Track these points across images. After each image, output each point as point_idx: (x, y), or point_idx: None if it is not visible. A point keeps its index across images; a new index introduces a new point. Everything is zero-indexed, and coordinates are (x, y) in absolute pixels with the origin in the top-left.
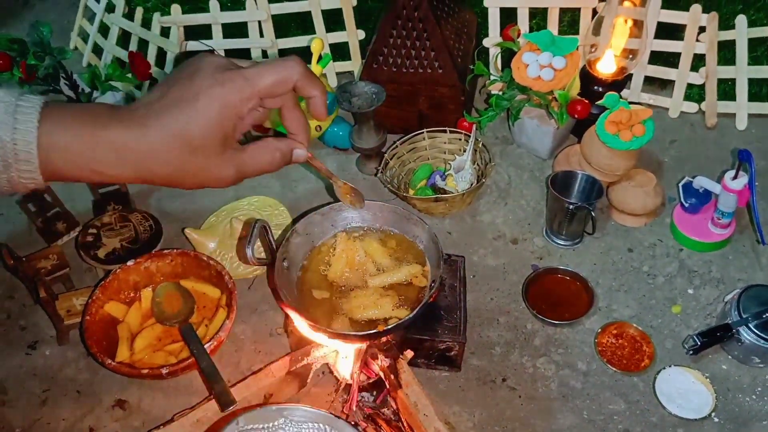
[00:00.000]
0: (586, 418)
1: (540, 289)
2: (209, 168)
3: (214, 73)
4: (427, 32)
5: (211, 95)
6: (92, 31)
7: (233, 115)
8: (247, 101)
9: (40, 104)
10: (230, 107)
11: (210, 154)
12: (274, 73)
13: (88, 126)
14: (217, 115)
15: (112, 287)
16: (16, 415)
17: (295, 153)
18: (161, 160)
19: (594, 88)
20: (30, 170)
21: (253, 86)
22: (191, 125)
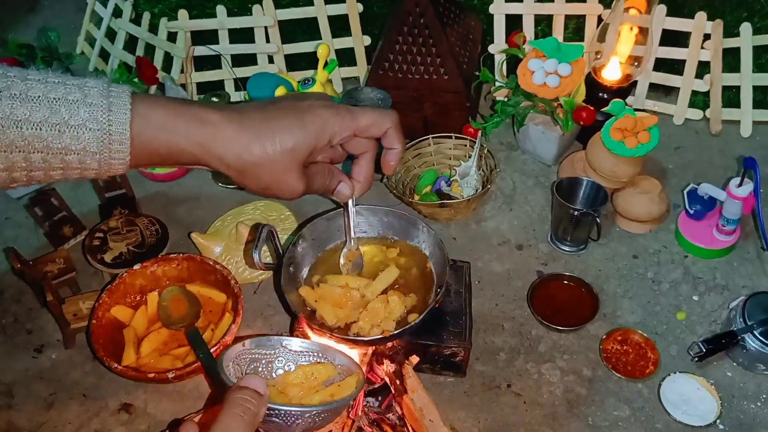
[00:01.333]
0: (591, 424)
1: (545, 295)
2: (289, 175)
3: (323, 99)
4: (433, 39)
5: (319, 113)
6: (99, 35)
7: (327, 137)
8: (345, 130)
9: (129, 90)
10: (329, 129)
11: (296, 163)
12: (373, 117)
13: (182, 106)
14: (318, 130)
15: (118, 291)
16: (22, 418)
17: (341, 186)
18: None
19: (599, 95)
20: (122, 150)
21: (354, 120)
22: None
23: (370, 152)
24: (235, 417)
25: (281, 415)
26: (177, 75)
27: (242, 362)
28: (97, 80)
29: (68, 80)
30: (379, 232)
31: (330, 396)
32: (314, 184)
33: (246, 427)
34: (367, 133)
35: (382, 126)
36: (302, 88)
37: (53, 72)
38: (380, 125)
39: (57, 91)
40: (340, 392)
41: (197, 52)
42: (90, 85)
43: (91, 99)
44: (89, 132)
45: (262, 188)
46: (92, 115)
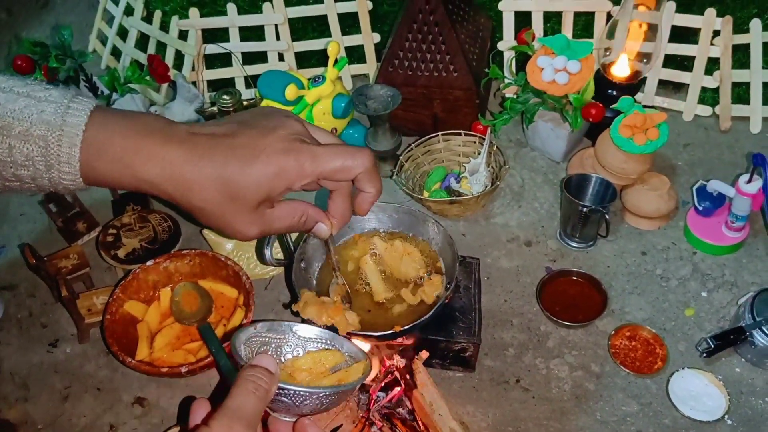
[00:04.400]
0: (599, 419)
1: (553, 291)
2: (237, 220)
3: (286, 139)
4: (443, 36)
5: (273, 160)
6: (111, 33)
7: (284, 186)
8: (304, 178)
9: (90, 107)
10: (285, 178)
11: (244, 210)
12: (342, 161)
13: (139, 135)
14: (269, 179)
15: (131, 287)
16: (38, 410)
17: (318, 226)
18: (202, 194)
19: (608, 92)
20: (71, 173)
21: (316, 167)
22: (242, 178)
23: (343, 189)
24: (248, 393)
25: (290, 395)
26: (188, 73)
27: (253, 344)
28: (63, 92)
29: (34, 91)
30: (389, 228)
31: (338, 381)
32: (279, 226)
33: (258, 403)
34: (334, 178)
35: (350, 172)
36: (312, 85)
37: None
38: (348, 171)
39: (16, 103)
40: (347, 377)
41: (208, 50)
42: (51, 99)
43: (46, 116)
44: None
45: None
46: (42, 132)
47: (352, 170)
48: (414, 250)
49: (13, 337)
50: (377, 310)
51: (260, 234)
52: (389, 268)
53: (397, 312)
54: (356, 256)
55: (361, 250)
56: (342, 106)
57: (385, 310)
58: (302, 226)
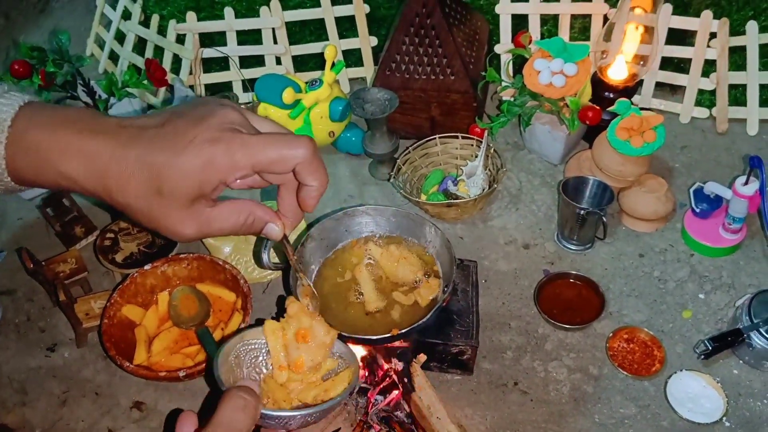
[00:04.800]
0: (598, 422)
1: (551, 293)
2: (169, 216)
3: (217, 128)
4: (440, 39)
5: (200, 151)
6: (108, 38)
7: (215, 179)
8: (236, 170)
9: (19, 103)
10: (215, 170)
11: (175, 205)
12: (276, 151)
13: (64, 128)
14: (198, 171)
15: (129, 291)
16: (36, 415)
17: (269, 227)
18: (126, 188)
19: (605, 95)
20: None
21: (249, 157)
22: (168, 172)
23: (290, 184)
24: (239, 409)
25: (273, 418)
26: (186, 77)
27: (242, 353)
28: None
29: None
30: (386, 231)
31: (324, 391)
32: (221, 226)
33: (248, 420)
34: (271, 170)
35: (288, 162)
36: (310, 89)
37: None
38: (285, 161)
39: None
40: (334, 387)
41: (206, 53)
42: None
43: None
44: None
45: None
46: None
47: (289, 160)
48: (410, 254)
49: (11, 341)
50: (369, 319)
51: (197, 234)
52: (386, 273)
53: (394, 316)
54: (354, 263)
55: (357, 255)
56: (339, 110)
57: (383, 314)
58: (249, 227)
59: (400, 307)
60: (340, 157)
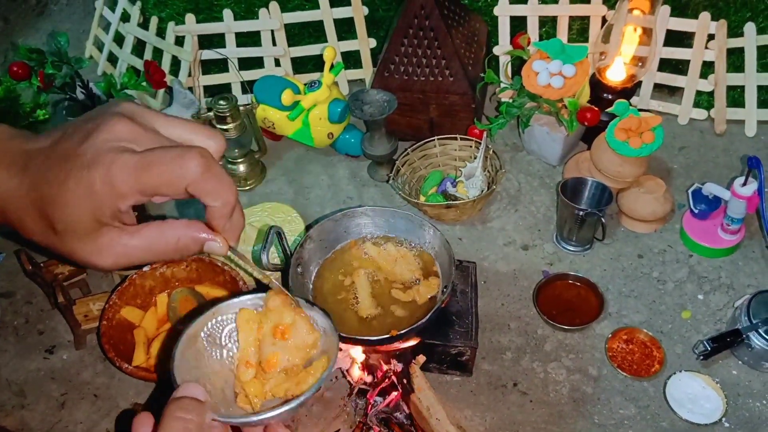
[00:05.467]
0: (597, 422)
1: (550, 294)
2: (78, 252)
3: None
4: (438, 41)
5: (79, 180)
6: (107, 40)
7: (105, 207)
8: (120, 199)
9: None
10: (98, 199)
11: (76, 239)
12: (159, 174)
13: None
14: (81, 203)
15: (128, 293)
16: (35, 417)
17: (209, 245)
18: (24, 227)
19: (603, 96)
20: None
21: (130, 185)
22: (52, 207)
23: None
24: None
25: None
26: (185, 78)
27: (216, 330)
28: None
29: None
30: (385, 233)
31: (296, 385)
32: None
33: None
34: (161, 194)
35: (175, 184)
36: (309, 90)
37: None
38: (172, 183)
39: None
40: (306, 380)
41: (204, 55)
42: None
43: None
44: None
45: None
46: None
47: (177, 181)
48: (407, 254)
49: (10, 344)
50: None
51: (116, 265)
52: (383, 272)
53: (393, 317)
54: (355, 266)
55: (357, 258)
56: (338, 111)
57: (378, 320)
58: (184, 249)
59: (399, 306)
60: (338, 158)
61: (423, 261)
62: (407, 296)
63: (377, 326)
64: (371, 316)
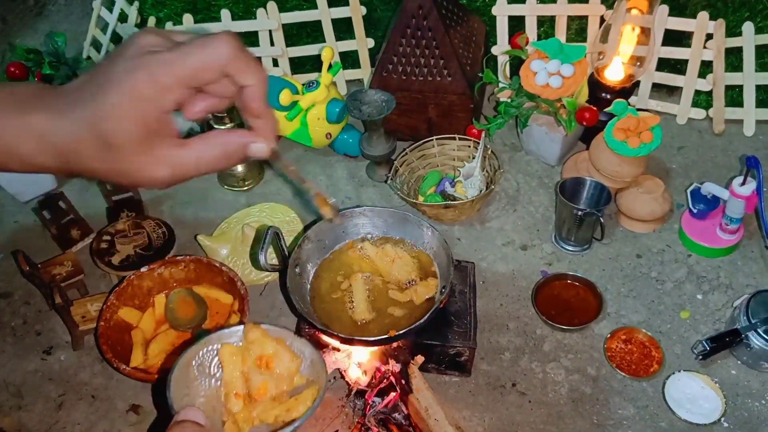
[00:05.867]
0: (596, 423)
1: (549, 294)
2: (136, 167)
3: (133, 57)
4: (436, 41)
5: (122, 87)
6: (105, 40)
7: (152, 109)
8: (165, 92)
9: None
10: (145, 98)
11: (133, 152)
12: (196, 57)
13: (12, 110)
14: (130, 110)
15: (126, 293)
16: (32, 419)
17: (253, 147)
18: (81, 154)
19: (602, 96)
20: None
21: (171, 75)
22: (103, 121)
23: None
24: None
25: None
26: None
27: (206, 359)
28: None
29: None
30: (384, 233)
31: (286, 411)
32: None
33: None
34: (201, 81)
35: (212, 65)
36: (307, 90)
37: None
38: (211, 66)
39: None
40: (296, 406)
41: None
42: None
43: None
44: None
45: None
46: None
47: (212, 63)
48: (404, 255)
49: (8, 344)
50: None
51: (173, 176)
52: (381, 272)
53: (391, 317)
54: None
55: (353, 257)
56: (336, 111)
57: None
58: (231, 156)
59: (397, 307)
60: (337, 158)
61: (421, 261)
62: (405, 296)
63: (374, 329)
64: (366, 320)
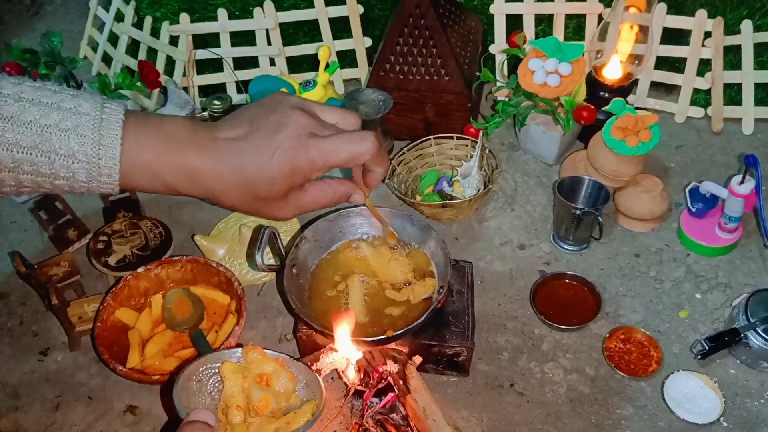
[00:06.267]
0: (594, 422)
1: (547, 294)
2: (269, 210)
3: (295, 136)
4: (434, 40)
5: (284, 160)
6: (101, 40)
7: (301, 179)
8: (317, 171)
9: (122, 117)
10: (299, 174)
11: (272, 201)
12: (348, 151)
13: (166, 148)
14: (285, 177)
15: (122, 294)
16: (29, 420)
17: (354, 197)
18: (229, 196)
19: (600, 94)
20: (111, 183)
21: (325, 161)
22: (261, 180)
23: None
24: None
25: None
26: (179, 78)
27: (204, 377)
28: (91, 102)
29: (63, 102)
30: (381, 233)
31: (286, 424)
32: (313, 206)
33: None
34: (345, 166)
35: (358, 159)
36: (304, 90)
37: (49, 88)
38: (356, 158)
39: (50, 118)
40: (296, 420)
41: (199, 55)
42: (83, 111)
43: (82, 130)
44: (78, 163)
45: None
46: (82, 147)
47: (359, 158)
48: (401, 257)
49: (4, 345)
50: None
51: (298, 213)
52: (377, 273)
53: (388, 318)
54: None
55: (350, 256)
56: None
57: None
58: (337, 200)
59: (394, 307)
60: None
61: (419, 261)
62: (402, 295)
63: (370, 329)
64: (361, 323)
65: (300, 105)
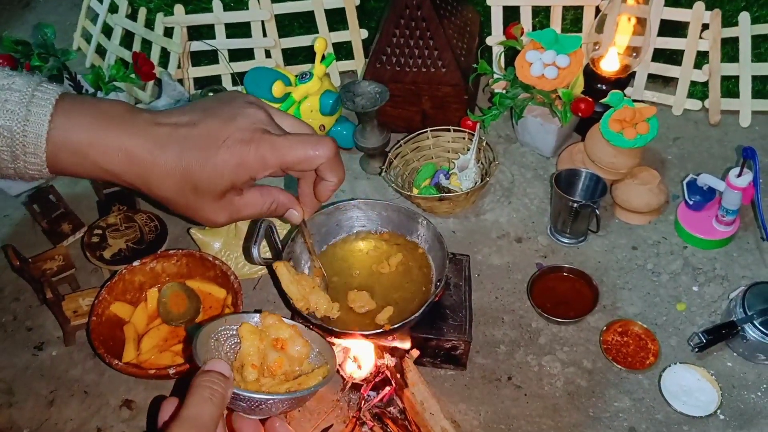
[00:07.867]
0: (592, 415)
1: (544, 287)
2: (204, 208)
3: (248, 129)
4: (430, 31)
5: (234, 151)
6: (95, 31)
7: (247, 176)
8: (267, 169)
9: (55, 96)
10: (246, 169)
11: (210, 198)
12: (303, 152)
13: (100, 129)
14: (231, 171)
15: (118, 288)
16: (23, 415)
17: (290, 212)
18: (164, 184)
19: (597, 86)
20: (37, 163)
21: (277, 158)
22: (204, 171)
23: (309, 177)
24: (204, 400)
25: (245, 399)
26: (174, 70)
27: (222, 337)
28: (26, 80)
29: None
30: (378, 226)
31: (298, 385)
32: (248, 212)
33: (214, 409)
34: (297, 169)
35: (312, 162)
36: (300, 82)
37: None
38: (310, 161)
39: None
40: (307, 381)
41: (194, 47)
42: (15, 88)
43: (10, 105)
44: (2, 139)
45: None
46: (7, 122)
47: (313, 160)
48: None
49: None
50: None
51: (229, 220)
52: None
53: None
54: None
55: (347, 249)
56: (330, 103)
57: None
58: (273, 212)
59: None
60: None
61: (416, 254)
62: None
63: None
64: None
65: (257, 102)
